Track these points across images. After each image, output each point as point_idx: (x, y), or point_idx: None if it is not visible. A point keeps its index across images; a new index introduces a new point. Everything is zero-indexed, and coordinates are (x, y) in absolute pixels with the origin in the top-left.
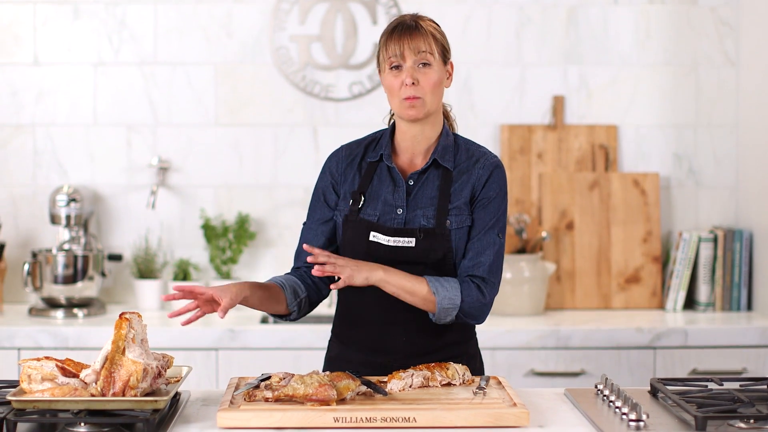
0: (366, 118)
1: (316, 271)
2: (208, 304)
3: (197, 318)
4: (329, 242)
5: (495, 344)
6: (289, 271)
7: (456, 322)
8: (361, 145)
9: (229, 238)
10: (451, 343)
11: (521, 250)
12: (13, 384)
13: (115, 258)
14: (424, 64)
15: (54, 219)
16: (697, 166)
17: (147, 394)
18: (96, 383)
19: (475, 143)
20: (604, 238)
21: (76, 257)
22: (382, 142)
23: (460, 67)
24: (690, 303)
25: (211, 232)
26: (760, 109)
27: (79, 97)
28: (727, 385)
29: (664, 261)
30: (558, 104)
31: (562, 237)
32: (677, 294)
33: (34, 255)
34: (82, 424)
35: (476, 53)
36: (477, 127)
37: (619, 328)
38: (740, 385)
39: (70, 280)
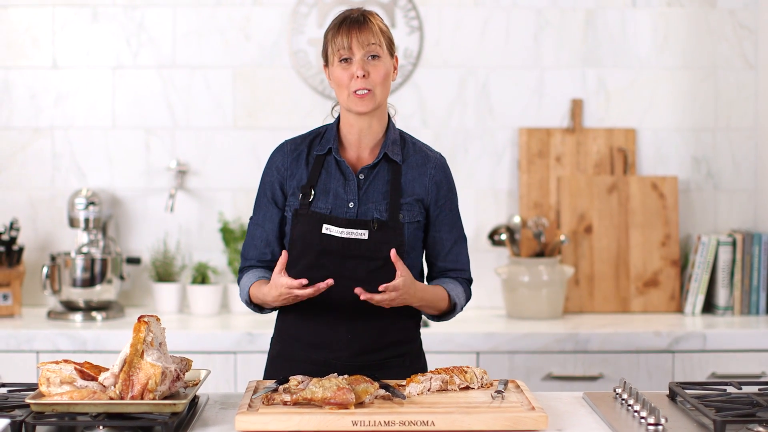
0: None
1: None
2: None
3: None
4: (278, 240)
5: (513, 348)
6: (247, 269)
7: (401, 322)
8: (306, 139)
9: None
10: (395, 341)
11: (540, 254)
12: (32, 387)
13: (134, 261)
14: (374, 57)
15: (73, 222)
16: (716, 169)
17: (166, 398)
18: (114, 386)
19: (418, 139)
20: (622, 242)
21: (94, 260)
22: (328, 136)
23: (479, 70)
24: (709, 307)
25: (229, 235)
26: None
27: (98, 100)
28: (746, 389)
29: (682, 264)
30: (576, 107)
31: (580, 240)
32: (696, 298)
33: (53, 258)
34: (101, 427)
35: (495, 57)
36: (495, 130)
37: (638, 332)
38: (759, 389)
39: (89, 283)
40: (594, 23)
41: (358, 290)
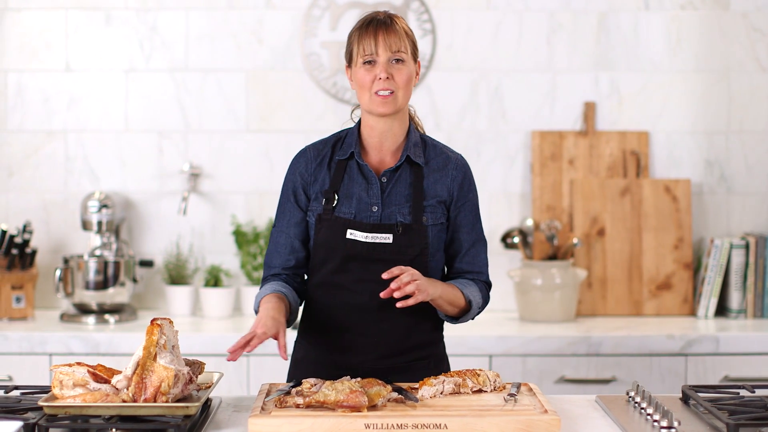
0: None
1: (386, 294)
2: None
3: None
4: (302, 245)
5: (526, 351)
6: (270, 278)
7: (425, 324)
8: (328, 144)
9: (260, 244)
10: (420, 344)
11: (552, 257)
12: (45, 390)
13: (147, 264)
14: (398, 61)
15: (85, 225)
16: (729, 172)
17: (178, 400)
18: (127, 389)
19: (439, 141)
20: (635, 245)
21: (107, 263)
22: (349, 141)
23: (492, 73)
24: (721, 310)
25: (242, 238)
26: None
27: (111, 103)
28: (759, 393)
29: (695, 268)
30: (589, 110)
31: (593, 243)
32: (709, 301)
33: (66, 261)
34: (114, 430)
35: (507, 60)
36: (508, 133)
37: (651, 335)
38: None
39: (102, 286)
40: (607, 26)
41: (399, 303)
